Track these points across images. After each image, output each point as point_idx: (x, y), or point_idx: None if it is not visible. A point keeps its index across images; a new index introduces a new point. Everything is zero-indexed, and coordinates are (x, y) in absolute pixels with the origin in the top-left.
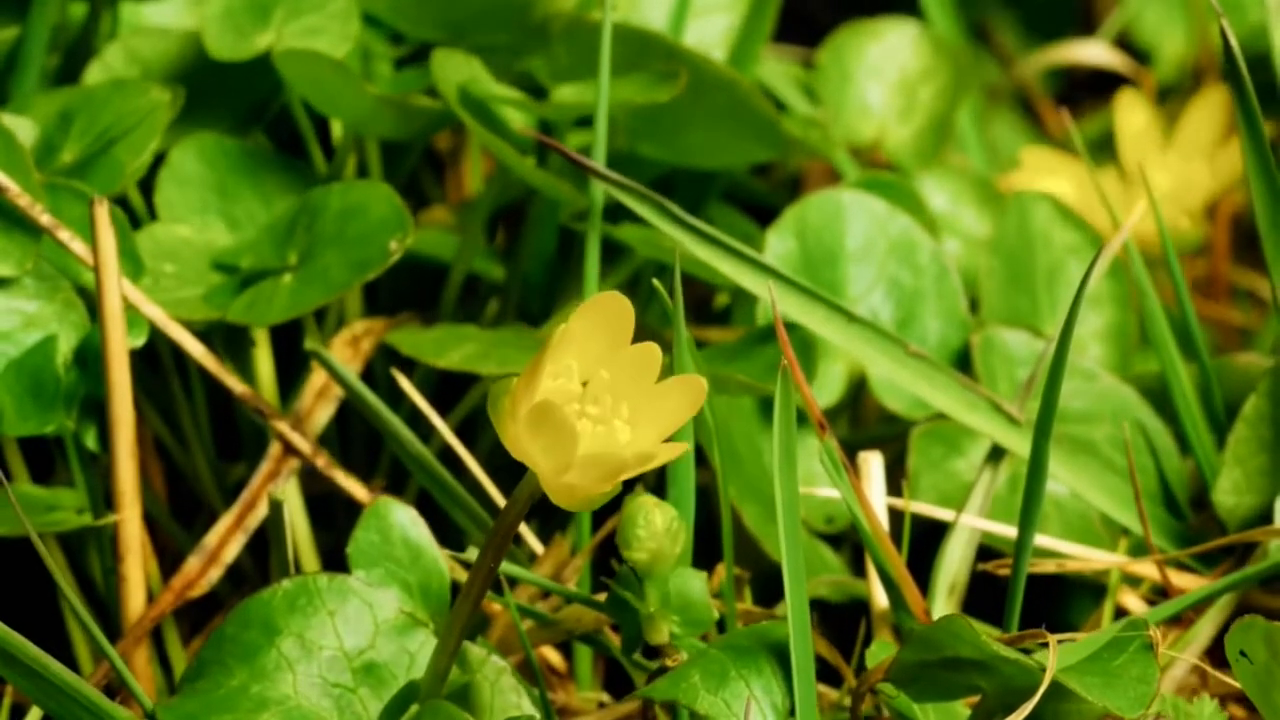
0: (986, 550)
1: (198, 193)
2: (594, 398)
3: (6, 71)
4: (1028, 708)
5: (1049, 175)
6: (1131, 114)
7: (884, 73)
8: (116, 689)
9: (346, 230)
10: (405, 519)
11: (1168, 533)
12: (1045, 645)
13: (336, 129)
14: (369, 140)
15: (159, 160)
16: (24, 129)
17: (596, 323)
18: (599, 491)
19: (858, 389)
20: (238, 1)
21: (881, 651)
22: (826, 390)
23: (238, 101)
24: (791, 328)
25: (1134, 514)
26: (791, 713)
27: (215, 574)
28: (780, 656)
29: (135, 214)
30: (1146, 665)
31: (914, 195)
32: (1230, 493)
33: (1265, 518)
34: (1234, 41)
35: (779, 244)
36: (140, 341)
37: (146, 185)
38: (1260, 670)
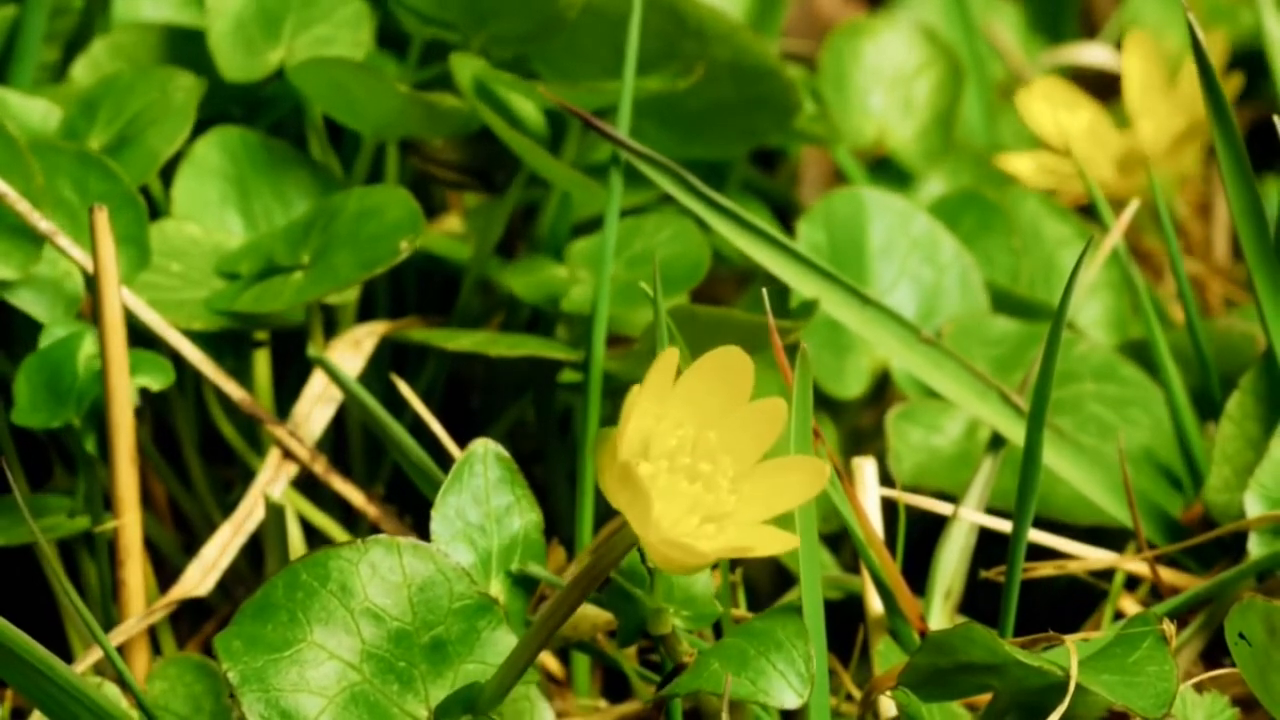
0: (988, 533)
1: (217, 186)
2: (706, 456)
3: (4, 60)
4: (1059, 712)
5: (1063, 107)
6: (1138, 56)
7: (881, 71)
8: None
9: (361, 231)
10: (498, 473)
11: (1164, 529)
12: (1051, 646)
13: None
14: (389, 145)
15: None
16: (52, 115)
17: (712, 378)
18: (691, 564)
19: (882, 384)
20: (247, 14)
21: (890, 654)
22: (850, 384)
23: (229, 100)
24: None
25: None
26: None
27: (212, 580)
28: (795, 630)
29: (155, 203)
30: (1163, 661)
31: (1001, 212)
32: (1222, 490)
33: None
34: (1199, 33)
35: (810, 234)
36: (163, 385)
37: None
38: (1259, 653)
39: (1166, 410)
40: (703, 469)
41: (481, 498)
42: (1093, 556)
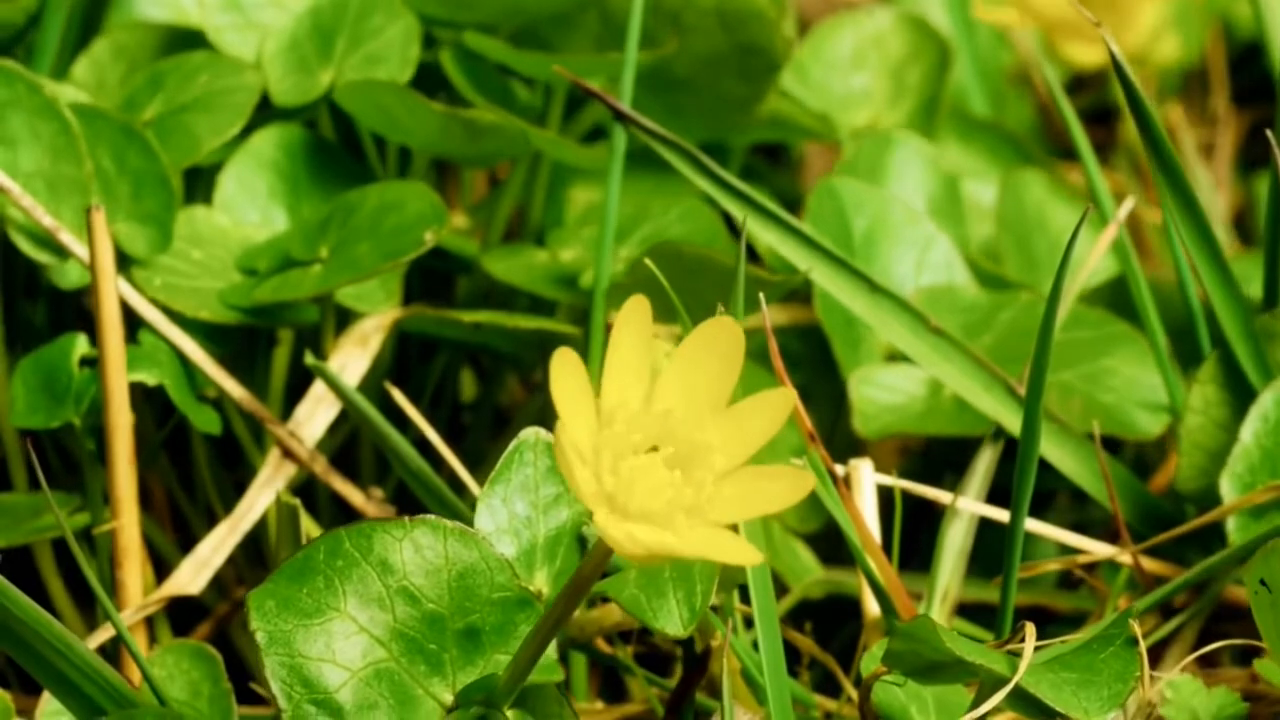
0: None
1: (267, 178)
2: (696, 445)
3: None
4: (992, 703)
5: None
6: None
7: (869, 60)
8: None
9: (382, 224)
10: (549, 463)
11: (1148, 519)
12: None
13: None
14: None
15: None
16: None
17: (703, 353)
18: (639, 559)
19: None
20: (302, 32)
21: (882, 649)
22: None
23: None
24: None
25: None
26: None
27: (205, 578)
28: (707, 570)
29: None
30: (1127, 662)
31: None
32: (1195, 479)
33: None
34: (1117, 50)
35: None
36: (158, 380)
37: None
38: (1278, 600)
39: (1142, 338)
40: (687, 458)
41: (530, 487)
42: (1087, 548)
